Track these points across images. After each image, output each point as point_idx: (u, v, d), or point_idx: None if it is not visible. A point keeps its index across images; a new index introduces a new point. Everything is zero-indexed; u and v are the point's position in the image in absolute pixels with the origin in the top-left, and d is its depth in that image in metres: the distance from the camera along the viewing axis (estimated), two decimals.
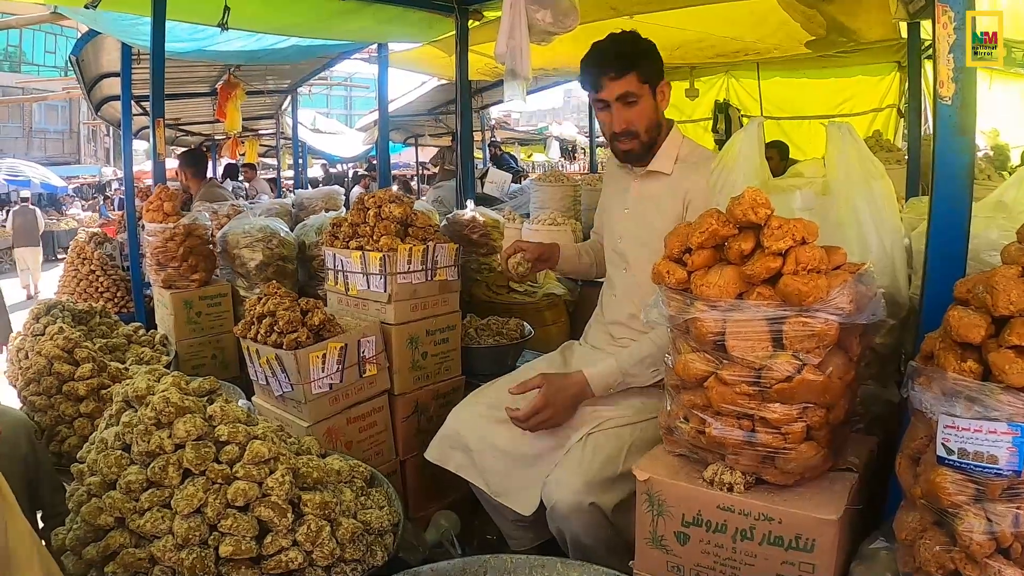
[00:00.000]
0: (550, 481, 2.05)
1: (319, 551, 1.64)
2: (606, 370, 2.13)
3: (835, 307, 1.30)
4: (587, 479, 1.97)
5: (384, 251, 2.64)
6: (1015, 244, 1.23)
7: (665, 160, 2.30)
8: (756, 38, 5.82)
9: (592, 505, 1.95)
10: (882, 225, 1.65)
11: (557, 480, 2.02)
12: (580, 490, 1.96)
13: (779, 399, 1.35)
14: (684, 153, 2.31)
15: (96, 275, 5.43)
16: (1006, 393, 1.09)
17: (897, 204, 1.71)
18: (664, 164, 2.29)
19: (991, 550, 1.13)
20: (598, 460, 2.02)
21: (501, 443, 2.25)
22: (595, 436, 2.09)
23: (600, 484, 1.98)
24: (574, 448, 2.08)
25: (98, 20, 4.70)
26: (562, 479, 2.01)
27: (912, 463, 1.26)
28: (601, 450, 2.04)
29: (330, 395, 2.49)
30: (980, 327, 1.14)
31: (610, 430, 2.10)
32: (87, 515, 1.68)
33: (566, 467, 2.04)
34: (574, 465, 2.03)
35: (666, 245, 1.51)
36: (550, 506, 2.01)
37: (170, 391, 1.80)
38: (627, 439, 2.07)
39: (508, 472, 2.23)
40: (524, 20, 3.32)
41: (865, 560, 1.40)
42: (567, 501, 1.96)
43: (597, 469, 2.00)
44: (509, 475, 2.22)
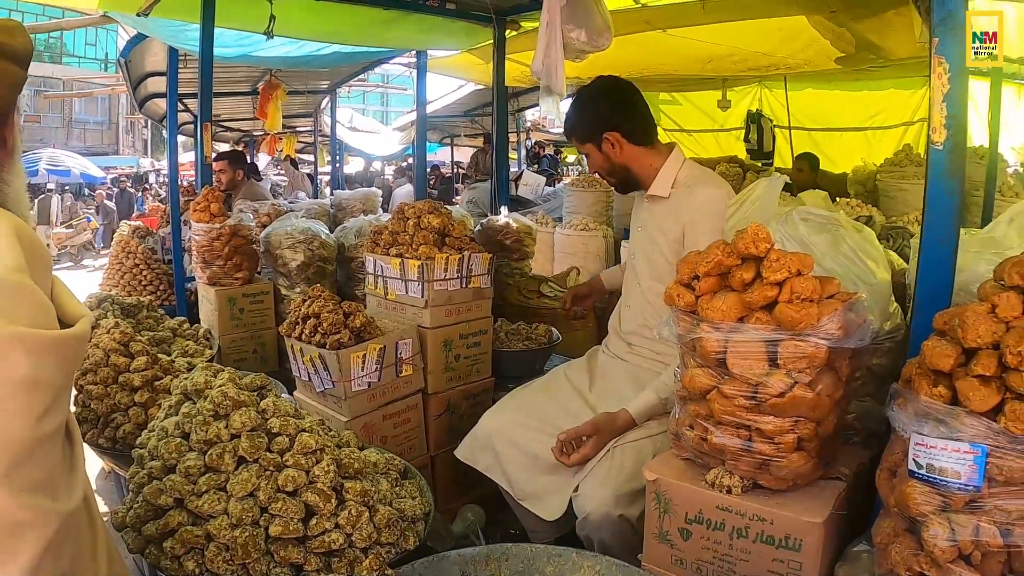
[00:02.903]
0: (582, 495, 2.18)
1: (358, 534, 1.78)
2: (647, 404, 2.26)
3: (825, 332, 1.45)
4: (615, 493, 2.11)
5: (422, 259, 2.81)
6: (990, 282, 1.37)
7: (662, 185, 2.44)
8: (787, 54, 5.88)
9: (620, 516, 2.09)
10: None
11: (588, 494, 2.16)
12: (609, 502, 2.09)
13: (773, 412, 1.50)
14: (682, 176, 2.44)
15: (140, 269, 5.63)
16: (970, 417, 1.24)
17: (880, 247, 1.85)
18: (661, 188, 2.44)
19: (953, 556, 1.27)
20: (624, 474, 2.15)
21: (528, 449, 2.38)
22: (618, 450, 2.22)
23: (627, 496, 2.11)
24: (601, 462, 2.21)
25: (147, 25, 4.88)
26: (593, 493, 2.15)
27: (890, 475, 1.41)
28: (626, 464, 2.17)
29: (368, 393, 2.65)
30: (950, 357, 1.28)
31: (630, 444, 2.23)
32: (148, 495, 1.83)
33: (595, 481, 2.17)
34: (603, 480, 2.16)
35: (677, 271, 1.67)
36: (582, 517, 2.15)
37: (227, 386, 1.97)
38: (648, 452, 2.19)
39: (533, 478, 2.36)
40: (559, 39, 3.44)
41: (849, 561, 1.55)
42: (598, 513, 2.10)
43: (624, 482, 2.13)
44: (534, 481, 2.36)
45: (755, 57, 6.11)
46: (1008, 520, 1.25)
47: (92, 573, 1.30)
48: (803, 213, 1.87)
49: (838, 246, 1.84)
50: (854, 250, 1.80)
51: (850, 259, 1.80)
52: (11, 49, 1.28)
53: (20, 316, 1.10)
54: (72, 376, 1.19)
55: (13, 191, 1.35)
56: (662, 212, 2.44)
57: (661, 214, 2.45)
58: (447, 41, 5.76)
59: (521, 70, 6.41)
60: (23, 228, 1.21)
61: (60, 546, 1.13)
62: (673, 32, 5.17)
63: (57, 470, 1.15)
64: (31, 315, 1.11)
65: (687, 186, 2.40)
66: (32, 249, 1.20)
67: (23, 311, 1.11)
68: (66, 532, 1.14)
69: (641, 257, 2.54)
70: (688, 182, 2.42)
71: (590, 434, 2.25)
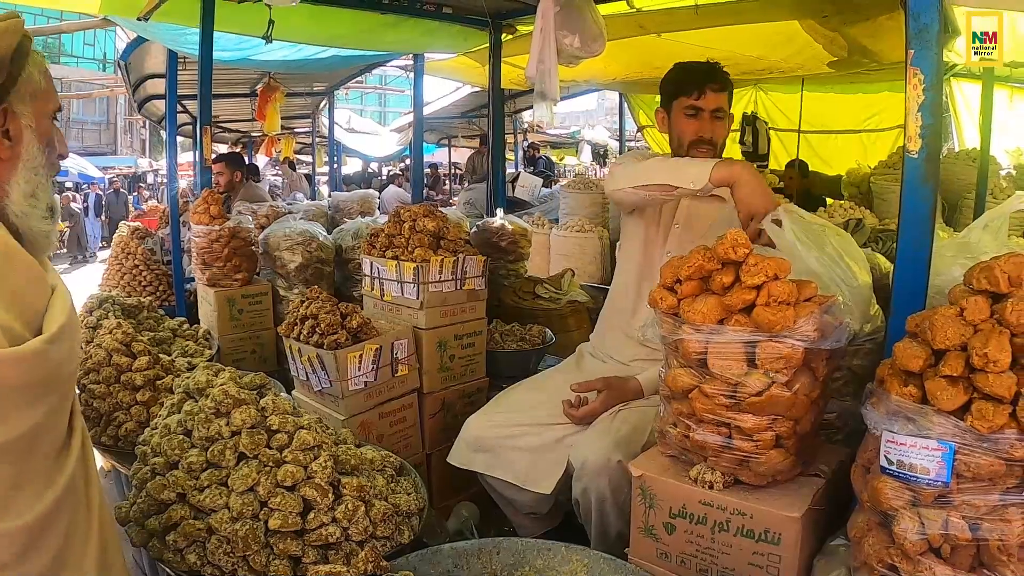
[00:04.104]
0: (578, 444, 2.22)
1: (354, 528, 1.83)
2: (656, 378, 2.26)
3: (801, 334, 1.51)
4: (615, 440, 2.14)
5: (418, 262, 2.87)
6: (960, 286, 1.43)
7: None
8: (781, 58, 5.94)
9: (619, 463, 2.07)
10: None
11: (586, 442, 2.19)
12: (609, 447, 2.11)
13: (752, 411, 1.56)
14: None
15: (139, 269, 5.65)
16: (938, 415, 1.30)
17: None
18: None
19: (923, 549, 1.33)
20: (626, 427, 2.19)
21: (523, 444, 2.41)
22: (624, 412, 2.28)
23: (626, 446, 2.12)
24: (602, 420, 2.26)
25: (147, 29, 4.90)
26: (591, 440, 2.18)
27: (864, 471, 1.47)
28: (628, 420, 2.22)
29: (365, 392, 2.71)
30: (920, 358, 1.34)
31: (636, 408, 2.28)
32: (152, 490, 1.89)
33: (594, 431, 2.22)
34: (602, 430, 2.20)
35: (660, 275, 1.74)
36: (579, 465, 2.16)
37: (228, 385, 2.04)
38: (650, 417, 2.20)
39: (534, 463, 2.39)
40: (553, 45, 3.50)
41: (827, 555, 1.61)
42: (596, 458, 2.11)
43: (625, 434, 2.16)
44: (535, 465, 2.38)
45: (749, 61, 6.16)
46: (976, 515, 1.30)
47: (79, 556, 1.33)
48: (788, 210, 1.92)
49: (823, 247, 1.89)
50: (838, 252, 1.86)
51: (833, 260, 1.85)
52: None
53: None
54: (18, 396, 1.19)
55: (12, 202, 1.38)
56: (711, 213, 2.43)
57: (710, 215, 2.43)
58: (444, 45, 5.82)
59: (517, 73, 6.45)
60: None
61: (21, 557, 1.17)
62: (667, 36, 5.22)
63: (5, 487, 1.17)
64: None
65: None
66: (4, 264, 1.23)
67: None
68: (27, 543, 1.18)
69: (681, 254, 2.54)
70: None
71: (600, 388, 2.31)
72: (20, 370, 1.18)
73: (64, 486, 1.30)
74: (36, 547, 1.22)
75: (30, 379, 1.20)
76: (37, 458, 1.25)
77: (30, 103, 1.40)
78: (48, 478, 1.28)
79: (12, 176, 1.38)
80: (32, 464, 1.24)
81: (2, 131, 1.35)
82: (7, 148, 1.37)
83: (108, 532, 1.48)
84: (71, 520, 1.32)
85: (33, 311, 1.28)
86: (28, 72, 1.38)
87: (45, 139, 1.43)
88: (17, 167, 1.38)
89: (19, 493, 1.20)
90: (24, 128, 1.39)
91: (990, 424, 1.24)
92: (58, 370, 1.28)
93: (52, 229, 1.47)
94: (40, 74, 1.41)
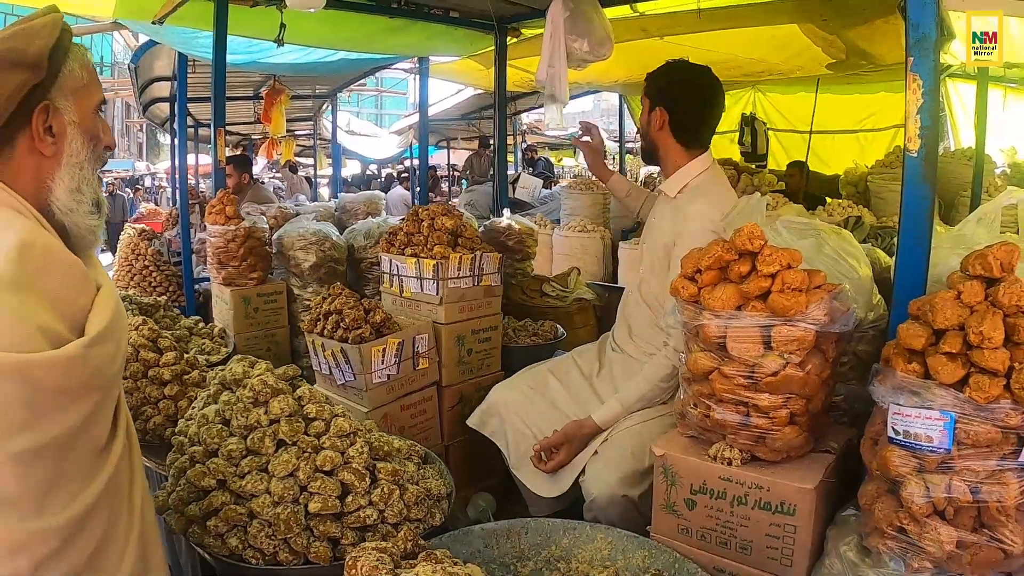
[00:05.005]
0: (589, 479, 2.36)
1: (390, 510, 1.92)
2: (611, 412, 2.43)
3: (812, 318, 1.64)
4: (620, 476, 2.28)
5: (437, 259, 2.98)
6: (957, 273, 1.56)
7: (673, 185, 2.56)
8: (780, 60, 6.06)
9: (624, 497, 2.25)
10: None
11: (595, 478, 2.33)
12: (614, 484, 2.26)
13: (768, 390, 1.69)
14: (694, 183, 2.53)
15: (149, 270, 5.73)
16: (939, 388, 1.43)
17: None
18: (670, 188, 2.57)
19: (929, 512, 1.45)
20: (626, 456, 2.32)
21: (530, 421, 2.59)
22: (616, 437, 2.40)
23: (630, 478, 2.27)
24: (603, 449, 2.39)
25: (160, 32, 4.99)
26: (599, 477, 2.32)
27: (873, 443, 1.59)
28: (626, 449, 2.34)
29: (387, 385, 2.81)
30: (922, 337, 1.47)
31: (625, 431, 2.40)
32: (192, 477, 1.95)
33: (601, 466, 2.35)
34: (607, 462, 2.34)
35: (681, 266, 1.86)
36: (590, 499, 2.31)
37: (266, 375, 2.13)
38: (646, 436, 2.34)
39: (528, 452, 2.56)
40: (563, 49, 3.60)
41: (838, 525, 1.73)
42: (604, 495, 2.27)
43: (627, 465, 2.30)
44: (527, 456, 2.56)
45: (749, 63, 6.28)
46: (976, 479, 1.43)
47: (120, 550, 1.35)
48: (785, 222, 2.07)
49: (821, 248, 2.02)
50: (836, 251, 2.00)
51: (833, 259, 1.99)
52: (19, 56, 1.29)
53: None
54: (56, 398, 1.20)
55: (57, 198, 1.38)
56: (667, 212, 2.58)
57: (666, 213, 2.59)
58: (450, 47, 5.90)
59: (520, 75, 6.56)
60: (33, 243, 1.24)
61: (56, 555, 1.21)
62: (669, 39, 5.34)
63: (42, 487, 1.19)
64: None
65: (691, 195, 2.50)
66: (43, 265, 1.23)
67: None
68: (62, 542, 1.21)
69: (647, 248, 2.69)
70: (694, 192, 2.51)
71: (561, 443, 2.45)
72: (57, 373, 1.18)
73: (103, 485, 1.31)
74: (71, 546, 1.24)
75: (67, 383, 1.21)
76: (75, 459, 1.26)
77: (72, 98, 1.39)
78: (86, 478, 1.28)
79: (56, 172, 1.38)
80: (69, 465, 1.25)
81: (45, 128, 1.36)
82: (50, 145, 1.37)
83: (150, 532, 1.50)
84: (110, 520, 1.33)
85: (77, 309, 1.28)
86: (69, 67, 1.38)
87: (89, 133, 1.43)
88: (61, 163, 1.38)
89: (55, 493, 1.22)
90: (68, 124, 1.39)
91: (986, 395, 1.37)
92: (100, 371, 1.29)
93: (99, 224, 1.47)
94: (81, 68, 1.41)
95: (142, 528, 1.44)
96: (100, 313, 1.31)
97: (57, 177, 1.38)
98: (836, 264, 1.98)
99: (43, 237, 1.29)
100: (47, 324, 1.20)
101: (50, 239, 1.32)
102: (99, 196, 1.47)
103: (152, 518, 1.55)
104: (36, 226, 1.31)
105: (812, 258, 1.93)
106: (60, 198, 1.39)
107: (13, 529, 1.17)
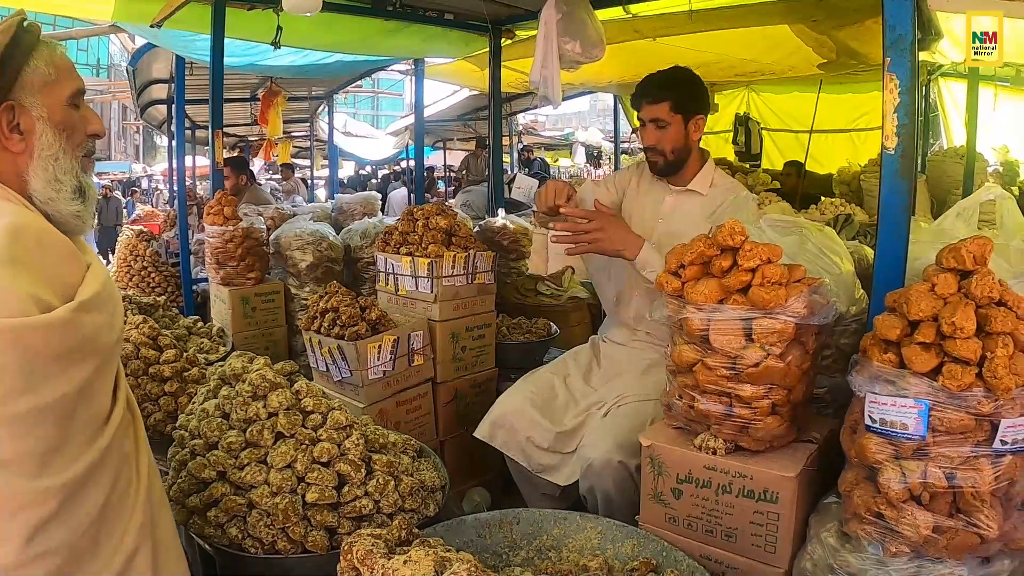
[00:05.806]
0: (585, 444, 2.40)
1: (385, 501, 1.96)
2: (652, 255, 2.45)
3: (792, 311, 1.69)
4: (616, 441, 2.30)
5: (432, 257, 3.03)
6: (932, 266, 1.61)
7: (702, 182, 2.68)
8: (772, 60, 6.09)
9: (620, 463, 2.26)
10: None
11: (591, 443, 2.37)
12: (611, 448, 2.29)
13: (750, 381, 1.74)
14: (717, 180, 2.71)
15: (148, 271, 5.78)
16: (914, 377, 1.49)
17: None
18: (701, 186, 2.68)
19: (905, 497, 1.51)
20: (625, 427, 2.35)
21: (543, 423, 2.58)
22: (620, 409, 2.46)
23: (627, 446, 2.27)
24: (603, 420, 2.44)
25: (158, 36, 5.05)
26: (596, 441, 2.36)
27: (851, 432, 1.64)
28: (626, 419, 2.39)
29: (383, 381, 2.86)
30: (897, 328, 1.52)
31: (630, 405, 2.46)
32: (193, 470, 2.00)
33: (598, 432, 2.39)
34: (605, 430, 2.38)
35: (666, 261, 1.91)
36: (585, 465, 2.34)
37: (264, 370, 2.18)
38: (649, 413, 2.40)
39: (545, 452, 2.57)
40: (556, 51, 3.66)
41: (820, 512, 1.79)
42: (600, 459, 2.29)
43: (625, 434, 2.32)
44: (547, 454, 2.57)
45: (741, 63, 6.32)
46: (951, 465, 1.48)
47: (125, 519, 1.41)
48: (768, 220, 2.13)
49: (803, 245, 2.08)
50: (819, 247, 2.05)
51: (815, 255, 2.04)
52: None
53: None
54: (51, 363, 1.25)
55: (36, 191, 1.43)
56: (695, 207, 2.66)
57: (694, 208, 2.66)
58: (445, 49, 5.94)
59: (515, 76, 6.59)
60: (26, 224, 1.31)
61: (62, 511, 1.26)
62: (662, 40, 5.37)
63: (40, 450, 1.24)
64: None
65: (723, 188, 2.68)
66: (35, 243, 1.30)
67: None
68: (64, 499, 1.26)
69: (664, 246, 2.68)
70: (724, 185, 2.70)
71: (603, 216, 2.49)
72: (48, 336, 1.23)
73: (104, 450, 1.36)
74: (75, 503, 1.30)
75: (60, 347, 1.26)
76: (78, 423, 1.31)
77: (40, 95, 1.42)
78: (88, 442, 1.33)
79: (30, 165, 1.43)
80: (72, 428, 1.30)
81: (12, 127, 1.41)
82: (19, 142, 1.42)
83: (157, 496, 1.55)
84: (114, 482, 1.39)
85: (67, 284, 1.33)
86: (33, 65, 1.42)
87: (61, 126, 1.46)
88: (34, 157, 1.43)
89: (58, 454, 1.28)
90: (36, 120, 1.43)
91: (959, 383, 1.42)
92: (94, 338, 1.33)
93: (83, 209, 1.50)
94: (48, 64, 1.44)
95: (149, 493, 1.49)
96: (89, 285, 1.36)
97: (31, 170, 1.43)
98: (818, 260, 2.03)
99: (35, 220, 1.36)
100: (38, 295, 1.25)
101: (41, 221, 1.38)
102: (82, 182, 1.51)
103: (160, 492, 1.60)
104: (25, 210, 1.38)
105: (795, 254, 1.98)
106: (38, 189, 1.44)
107: (14, 489, 1.22)
